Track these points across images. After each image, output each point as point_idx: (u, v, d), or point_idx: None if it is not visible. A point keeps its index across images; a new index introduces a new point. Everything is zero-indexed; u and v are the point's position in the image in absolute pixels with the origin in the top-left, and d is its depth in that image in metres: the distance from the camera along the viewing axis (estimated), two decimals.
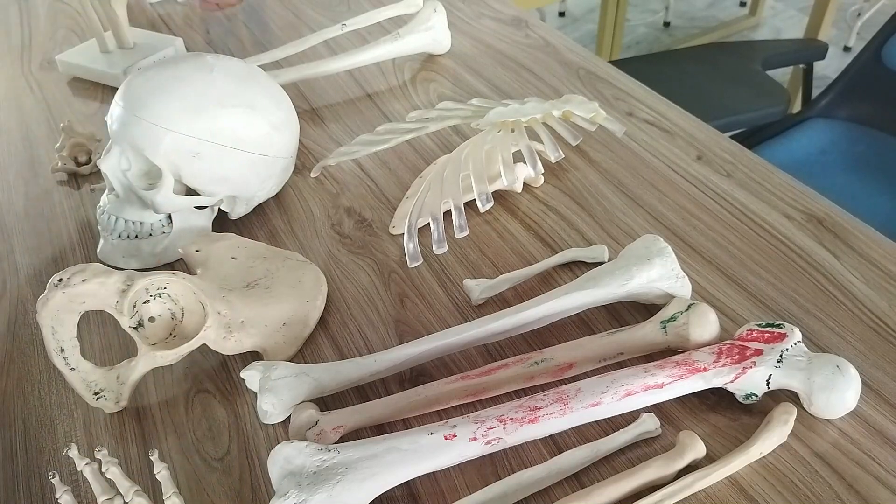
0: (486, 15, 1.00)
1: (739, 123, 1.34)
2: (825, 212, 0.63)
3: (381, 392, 0.53)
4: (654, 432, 0.48)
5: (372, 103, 0.84)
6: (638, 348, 0.52)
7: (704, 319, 0.51)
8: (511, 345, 0.55)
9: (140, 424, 0.53)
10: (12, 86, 0.95)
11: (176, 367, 0.56)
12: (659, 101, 0.80)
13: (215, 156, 0.62)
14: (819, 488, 0.44)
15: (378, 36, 0.94)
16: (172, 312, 0.53)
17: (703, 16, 2.77)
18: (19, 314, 0.63)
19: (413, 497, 0.47)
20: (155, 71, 0.62)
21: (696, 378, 0.48)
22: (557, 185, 0.69)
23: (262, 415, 0.51)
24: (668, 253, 0.54)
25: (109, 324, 0.61)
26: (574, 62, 0.88)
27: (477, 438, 0.45)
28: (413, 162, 0.75)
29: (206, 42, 1.00)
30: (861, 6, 2.60)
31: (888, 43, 1.23)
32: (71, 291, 0.48)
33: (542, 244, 0.63)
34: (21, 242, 0.70)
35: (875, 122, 1.26)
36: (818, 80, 1.51)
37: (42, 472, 0.51)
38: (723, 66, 1.48)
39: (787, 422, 0.46)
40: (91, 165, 0.77)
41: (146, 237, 0.64)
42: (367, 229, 0.67)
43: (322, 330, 0.58)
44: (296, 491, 0.41)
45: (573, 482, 0.46)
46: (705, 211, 0.65)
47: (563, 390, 0.47)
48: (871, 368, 0.50)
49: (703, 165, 0.70)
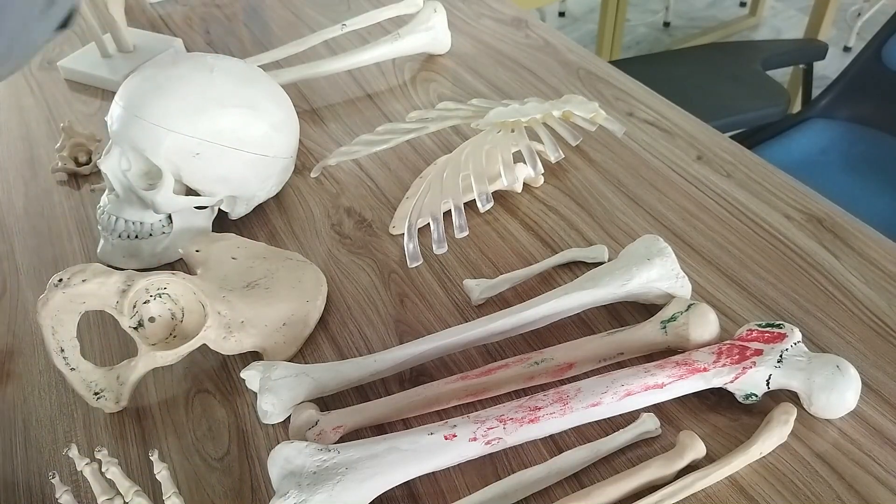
0: (486, 15, 1.00)
1: (739, 123, 1.34)
2: (825, 212, 0.63)
3: (381, 392, 0.53)
4: (654, 432, 0.48)
5: (372, 103, 0.84)
6: (638, 348, 0.52)
7: (704, 319, 0.51)
8: (511, 345, 0.55)
9: (140, 424, 0.53)
10: (12, 86, 0.95)
11: (176, 367, 0.56)
12: (659, 101, 0.80)
13: (215, 156, 0.62)
14: (819, 488, 0.44)
15: (378, 36, 0.94)
16: (172, 312, 0.53)
17: (703, 16, 2.77)
18: (19, 314, 0.63)
19: (413, 497, 0.47)
20: (155, 71, 0.62)
21: (696, 378, 0.48)
22: (557, 185, 0.69)
23: (262, 415, 0.51)
24: (668, 253, 0.54)
25: (109, 324, 0.61)
26: (574, 62, 0.88)
27: (477, 438, 0.45)
28: (413, 162, 0.75)
29: (206, 42, 1.00)
30: (861, 6, 2.60)
31: (888, 43, 1.23)
32: (71, 291, 0.48)
33: (542, 244, 0.63)
34: (21, 242, 0.70)
35: (875, 122, 1.26)
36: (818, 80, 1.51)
37: (42, 472, 0.51)
38: (723, 66, 1.48)
39: (787, 422, 0.46)
40: (91, 165, 0.77)
41: (146, 237, 0.64)
42: (367, 229, 0.67)
43: (322, 330, 0.58)
44: (296, 491, 0.41)
45: (573, 482, 0.46)
46: (705, 211, 0.65)
47: (563, 390, 0.47)
48: (871, 368, 0.50)
49: (703, 165, 0.70)
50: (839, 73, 1.29)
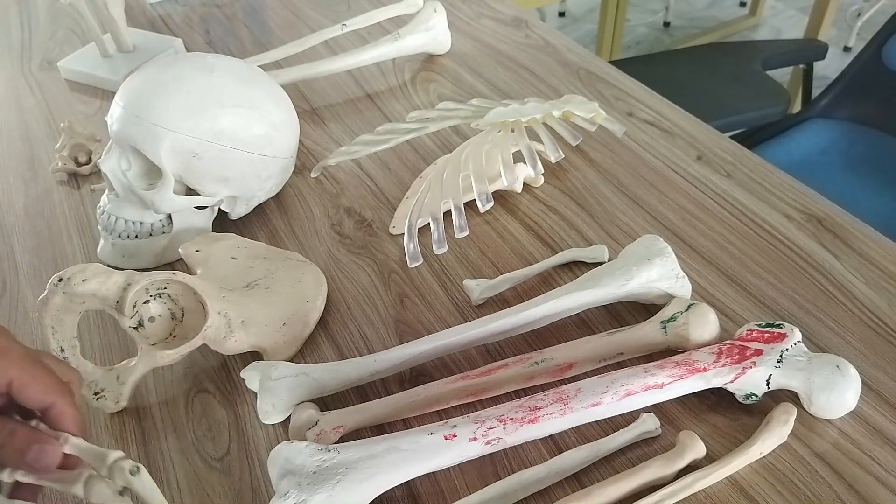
0: (486, 15, 1.00)
1: (739, 123, 1.33)
2: (825, 212, 0.63)
3: (381, 392, 0.53)
4: (654, 432, 0.48)
5: (372, 103, 0.84)
6: (638, 348, 0.52)
7: (704, 319, 0.51)
8: (511, 345, 0.55)
9: (140, 424, 0.53)
10: (12, 86, 0.95)
11: (176, 367, 0.56)
12: (659, 101, 0.80)
13: (215, 156, 0.62)
14: (819, 488, 0.44)
15: (378, 36, 0.94)
16: (172, 312, 0.53)
17: (703, 16, 2.77)
18: (19, 314, 0.63)
19: (413, 497, 0.47)
20: (155, 71, 0.62)
21: (696, 378, 0.48)
22: (557, 185, 0.69)
23: (262, 415, 0.51)
24: (668, 253, 0.54)
25: (109, 324, 0.61)
26: (574, 62, 0.88)
27: (477, 438, 0.45)
28: (413, 162, 0.75)
29: (206, 42, 1.00)
30: (861, 6, 2.60)
31: (888, 43, 1.23)
32: (71, 291, 0.48)
33: (542, 244, 0.63)
34: (21, 242, 0.70)
35: (875, 122, 1.26)
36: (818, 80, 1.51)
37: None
38: (723, 66, 1.48)
39: (787, 422, 0.46)
40: (91, 165, 0.77)
41: (146, 237, 0.64)
42: (367, 229, 0.67)
43: (322, 330, 0.58)
44: (296, 491, 0.41)
45: (573, 482, 0.46)
46: (705, 211, 0.65)
47: (563, 390, 0.47)
48: (871, 368, 0.50)
49: (703, 165, 0.70)
50: (839, 73, 1.29)
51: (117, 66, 0.92)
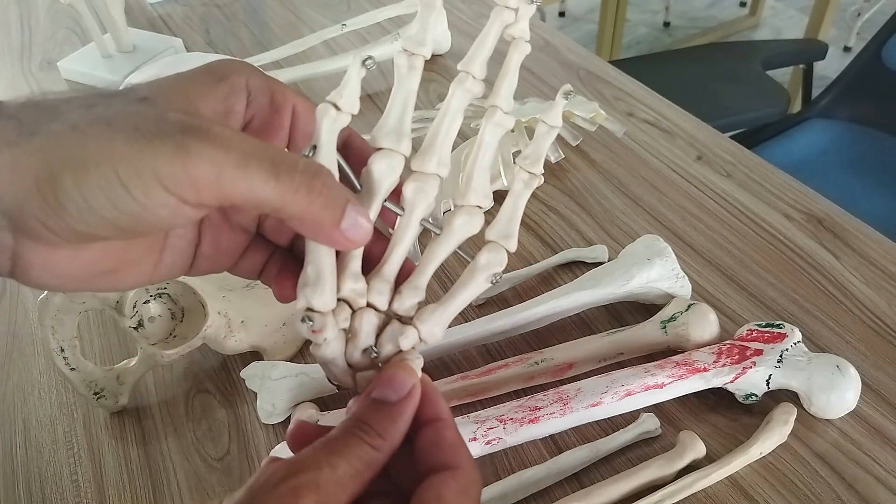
0: (486, 15, 1.00)
1: (739, 123, 1.34)
2: (825, 212, 0.63)
3: None
4: (654, 432, 0.48)
5: (372, 103, 0.84)
6: (638, 348, 0.52)
7: (704, 319, 0.51)
8: (511, 345, 0.55)
9: (140, 424, 0.53)
10: (12, 86, 0.95)
11: (176, 367, 0.56)
12: (659, 101, 0.80)
13: None
14: (819, 488, 0.44)
15: (378, 36, 0.94)
16: (172, 312, 0.53)
17: (703, 16, 2.77)
18: (19, 314, 0.63)
19: None
20: (155, 72, 0.62)
21: (696, 378, 0.48)
22: (557, 185, 0.69)
23: (263, 415, 0.51)
24: (668, 253, 0.54)
25: (109, 324, 0.60)
26: (574, 62, 0.88)
27: (477, 438, 0.45)
28: None
29: (206, 42, 1.00)
30: (861, 6, 2.60)
31: (888, 43, 1.23)
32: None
33: (542, 244, 0.63)
34: None
35: (875, 122, 1.26)
36: (818, 80, 1.50)
37: (42, 472, 0.51)
38: (723, 66, 1.48)
39: (787, 422, 0.46)
40: None
41: None
42: None
43: None
44: None
45: (573, 482, 0.46)
46: (705, 211, 0.65)
47: (563, 390, 0.47)
48: (871, 368, 0.50)
49: (703, 165, 0.70)
50: (839, 73, 1.29)
51: (117, 66, 0.92)
